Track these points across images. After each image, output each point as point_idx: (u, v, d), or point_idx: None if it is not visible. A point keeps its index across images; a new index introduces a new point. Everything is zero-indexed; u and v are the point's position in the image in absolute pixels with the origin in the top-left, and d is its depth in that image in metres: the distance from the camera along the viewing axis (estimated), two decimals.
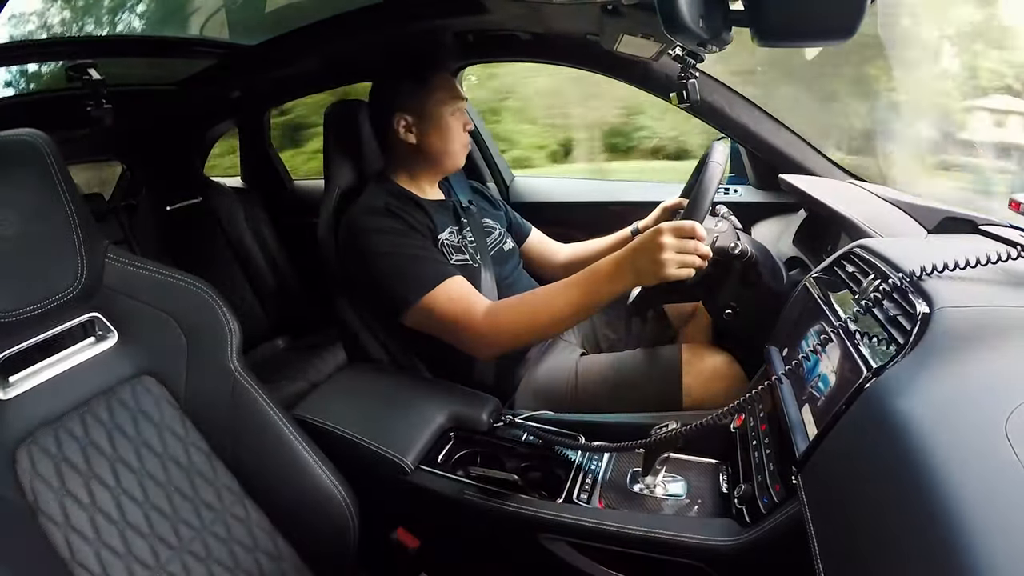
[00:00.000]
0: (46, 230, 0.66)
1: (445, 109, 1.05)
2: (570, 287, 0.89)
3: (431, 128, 1.06)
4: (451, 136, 1.07)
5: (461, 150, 1.10)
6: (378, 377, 1.03)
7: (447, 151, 1.08)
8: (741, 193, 1.47)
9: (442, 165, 1.10)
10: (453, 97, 1.06)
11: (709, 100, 1.28)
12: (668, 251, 0.80)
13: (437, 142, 1.07)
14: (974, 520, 0.33)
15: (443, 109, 1.05)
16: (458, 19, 1.23)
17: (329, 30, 1.29)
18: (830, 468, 0.51)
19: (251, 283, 1.92)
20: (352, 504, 0.76)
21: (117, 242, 1.68)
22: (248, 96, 1.74)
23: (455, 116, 1.07)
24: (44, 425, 0.66)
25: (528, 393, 1.06)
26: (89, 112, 1.24)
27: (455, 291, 0.94)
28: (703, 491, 0.78)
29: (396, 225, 0.98)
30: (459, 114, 1.08)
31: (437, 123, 1.06)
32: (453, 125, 1.06)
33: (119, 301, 0.74)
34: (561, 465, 0.84)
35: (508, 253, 1.18)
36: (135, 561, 0.64)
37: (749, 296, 0.93)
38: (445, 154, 1.08)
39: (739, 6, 0.75)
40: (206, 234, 1.87)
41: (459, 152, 1.10)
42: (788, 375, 0.64)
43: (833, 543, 0.45)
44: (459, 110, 1.07)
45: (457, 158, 1.10)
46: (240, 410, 0.75)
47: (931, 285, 0.53)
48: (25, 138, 0.65)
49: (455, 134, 1.07)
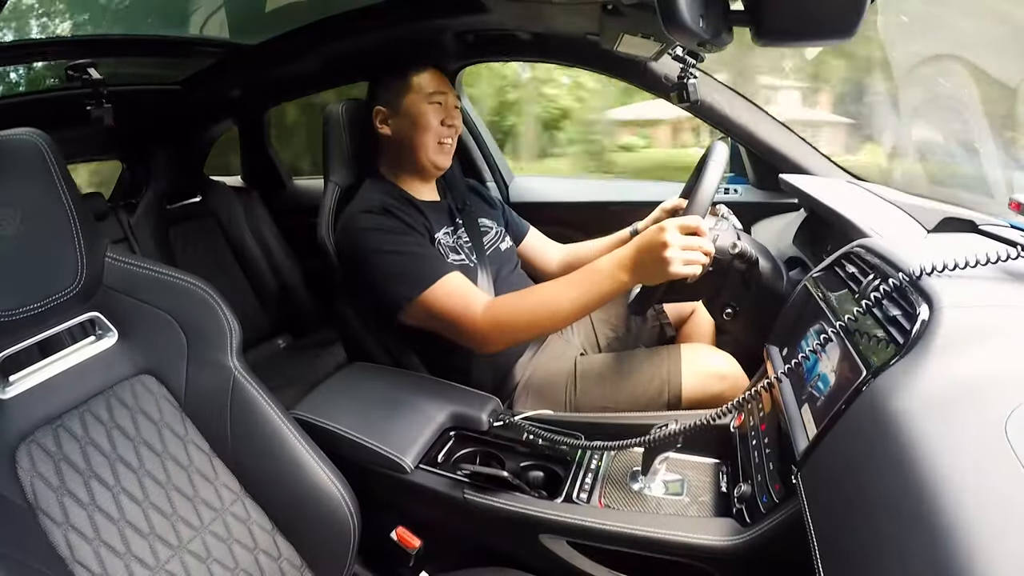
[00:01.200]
0: (46, 229, 0.66)
1: (419, 102, 1.05)
2: (570, 284, 0.89)
3: (403, 120, 1.06)
4: (422, 128, 1.05)
5: (435, 146, 1.07)
6: (378, 377, 1.03)
7: (420, 143, 1.06)
8: (741, 193, 1.47)
9: (418, 160, 1.08)
10: (432, 92, 1.06)
11: (709, 100, 1.28)
12: (673, 249, 0.80)
13: (409, 133, 1.06)
14: (974, 520, 0.33)
15: (417, 101, 1.05)
16: (458, 19, 1.24)
17: (329, 30, 1.30)
18: (830, 468, 0.51)
19: (251, 282, 1.92)
20: (352, 504, 0.76)
21: (117, 241, 1.68)
22: (248, 96, 1.74)
23: (431, 108, 1.06)
24: (44, 424, 0.66)
25: (528, 393, 1.06)
26: (89, 112, 1.24)
27: (454, 287, 0.94)
28: (703, 491, 0.78)
29: (393, 224, 0.98)
30: (436, 109, 1.06)
31: (407, 114, 1.06)
32: (427, 118, 1.05)
33: (119, 300, 0.74)
34: (561, 465, 0.84)
35: (505, 253, 1.18)
36: (135, 560, 0.64)
37: (749, 296, 0.93)
38: (419, 147, 1.07)
39: (739, 6, 0.75)
40: (206, 233, 1.87)
41: (432, 146, 1.07)
42: (788, 375, 0.64)
43: (833, 543, 0.45)
44: (437, 104, 1.06)
45: (430, 152, 1.07)
46: (240, 409, 0.75)
47: (931, 285, 0.53)
48: (25, 138, 0.65)
49: (428, 127, 1.06)
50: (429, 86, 1.06)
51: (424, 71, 1.07)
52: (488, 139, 1.72)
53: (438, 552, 0.85)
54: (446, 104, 1.08)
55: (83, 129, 1.31)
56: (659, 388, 0.98)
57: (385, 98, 1.08)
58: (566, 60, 1.40)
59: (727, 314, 0.95)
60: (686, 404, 0.97)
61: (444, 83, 1.09)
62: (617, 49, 1.00)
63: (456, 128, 1.10)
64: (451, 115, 1.08)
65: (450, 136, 1.09)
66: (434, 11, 1.19)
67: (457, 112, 1.10)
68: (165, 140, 1.80)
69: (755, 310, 0.93)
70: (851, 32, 0.64)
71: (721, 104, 1.29)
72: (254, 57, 1.45)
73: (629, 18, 0.90)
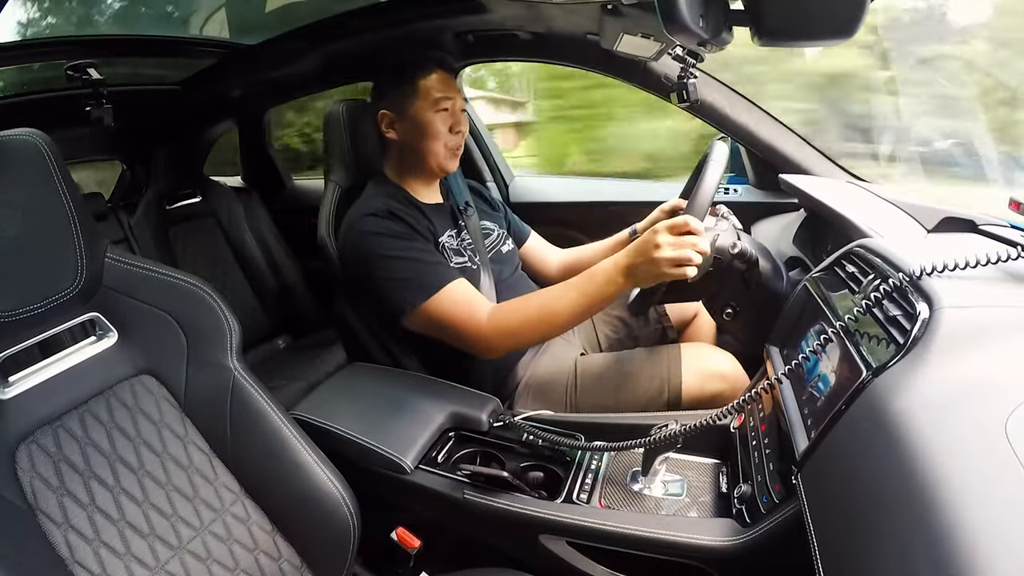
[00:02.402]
0: (46, 230, 0.66)
1: (426, 108, 1.03)
2: (571, 289, 0.89)
3: (411, 126, 1.05)
4: (430, 135, 1.04)
5: (445, 151, 1.05)
6: (378, 377, 1.03)
7: (429, 150, 1.05)
8: (741, 193, 1.47)
9: (427, 165, 1.07)
10: (438, 98, 1.03)
11: (709, 100, 1.28)
12: (664, 250, 0.80)
13: (417, 140, 1.05)
14: (973, 520, 0.33)
15: (424, 108, 1.03)
16: (458, 19, 1.24)
17: (329, 30, 1.30)
18: (830, 468, 0.51)
19: (251, 282, 1.92)
20: (352, 504, 0.76)
21: (117, 242, 1.68)
22: (248, 96, 1.74)
23: (439, 116, 1.04)
24: (44, 425, 0.66)
25: (528, 393, 1.06)
26: (89, 112, 1.24)
27: (458, 294, 0.94)
28: (703, 491, 0.78)
29: (398, 228, 0.98)
30: (443, 115, 1.04)
31: (415, 121, 1.04)
32: (435, 125, 1.03)
33: (119, 301, 0.74)
34: (561, 465, 0.84)
35: (507, 255, 1.18)
36: (134, 560, 0.64)
37: (749, 296, 0.93)
38: (428, 154, 1.05)
39: (739, 6, 0.75)
40: (206, 233, 1.87)
41: (441, 153, 1.05)
42: (788, 375, 0.64)
43: (833, 543, 0.45)
44: (444, 110, 1.04)
45: (440, 159, 1.06)
46: (240, 409, 0.75)
47: (931, 285, 0.53)
48: (25, 138, 0.65)
49: (436, 134, 1.04)
50: (436, 91, 1.03)
51: (431, 74, 1.04)
52: (488, 140, 1.72)
53: (438, 552, 0.85)
54: (453, 109, 1.05)
55: (83, 129, 1.31)
56: (659, 388, 0.98)
57: (391, 102, 1.05)
58: (566, 60, 1.40)
59: (727, 314, 0.95)
60: (686, 404, 0.97)
61: (451, 87, 1.06)
62: (617, 49, 1.00)
63: (464, 133, 1.08)
64: (459, 120, 1.06)
65: (458, 143, 1.07)
66: (434, 11, 1.19)
67: (464, 116, 1.08)
68: (165, 140, 1.80)
69: (755, 310, 0.93)
70: (852, 32, 0.64)
71: (721, 104, 1.29)
72: (254, 57, 1.45)
73: (629, 18, 0.90)
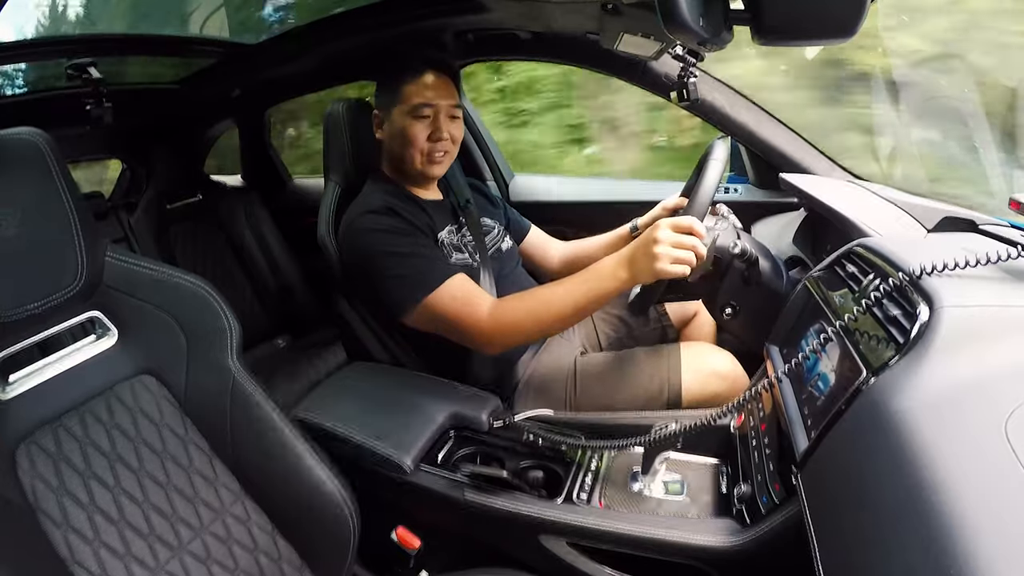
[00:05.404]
0: (46, 229, 0.66)
1: (404, 113, 1.02)
2: (572, 285, 0.89)
3: (391, 130, 1.05)
4: (406, 141, 1.03)
5: (421, 158, 1.04)
6: (378, 377, 1.03)
7: (404, 156, 1.04)
8: (741, 192, 1.47)
9: (405, 168, 1.06)
10: (417, 104, 1.01)
11: (709, 99, 1.28)
12: (663, 246, 0.80)
13: (395, 145, 1.05)
14: (973, 520, 0.33)
15: (402, 113, 1.02)
16: (458, 18, 1.23)
17: (328, 30, 1.30)
18: (830, 468, 0.51)
19: (251, 282, 1.92)
20: (352, 504, 0.75)
21: (117, 241, 1.68)
22: (248, 95, 1.74)
23: (418, 123, 1.02)
24: (44, 424, 0.66)
25: (528, 392, 1.06)
26: (89, 111, 1.24)
27: (458, 289, 0.94)
28: (703, 491, 0.78)
29: (398, 224, 0.98)
30: (422, 122, 1.02)
31: (394, 126, 1.04)
32: (411, 130, 1.02)
33: (119, 300, 0.74)
34: (561, 465, 0.84)
35: (507, 252, 1.18)
36: (134, 561, 0.64)
37: (749, 296, 0.93)
38: (402, 159, 1.05)
39: (739, 5, 0.75)
40: (206, 233, 1.87)
41: (418, 159, 1.03)
42: (788, 374, 0.64)
43: (833, 543, 0.45)
44: (423, 117, 1.02)
45: (416, 164, 1.04)
46: (240, 409, 0.75)
47: (931, 285, 0.53)
48: (25, 137, 0.65)
49: (411, 141, 1.02)
50: (416, 98, 1.01)
51: (416, 79, 1.02)
52: (488, 138, 1.72)
53: (438, 552, 0.85)
54: (435, 116, 1.03)
55: (83, 129, 1.31)
56: (659, 387, 0.98)
57: (380, 103, 1.07)
58: (566, 59, 1.40)
59: (727, 314, 0.95)
60: (686, 403, 0.97)
61: (439, 91, 1.03)
62: (617, 48, 1.00)
63: (449, 139, 1.04)
64: (441, 128, 1.03)
65: (441, 150, 1.04)
66: (434, 11, 1.19)
67: (452, 121, 1.05)
68: (165, 140, 1.80)
69: (755, 310, 0.93)
70: (852, 32, 0.64)
71: (721, 103, 1.29)
72: (254, 57, 1.45)
73: (629, 17, 0.89)
